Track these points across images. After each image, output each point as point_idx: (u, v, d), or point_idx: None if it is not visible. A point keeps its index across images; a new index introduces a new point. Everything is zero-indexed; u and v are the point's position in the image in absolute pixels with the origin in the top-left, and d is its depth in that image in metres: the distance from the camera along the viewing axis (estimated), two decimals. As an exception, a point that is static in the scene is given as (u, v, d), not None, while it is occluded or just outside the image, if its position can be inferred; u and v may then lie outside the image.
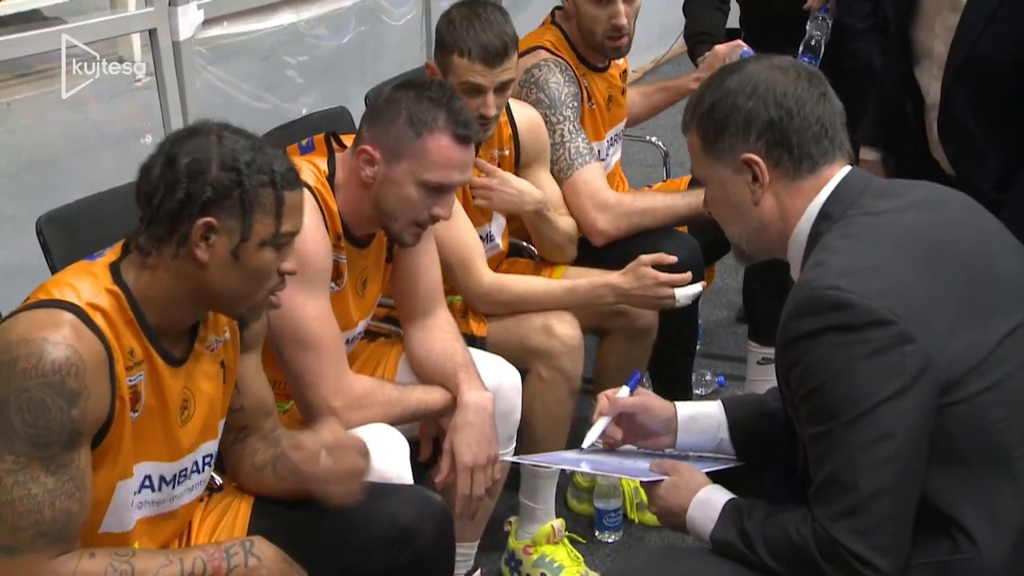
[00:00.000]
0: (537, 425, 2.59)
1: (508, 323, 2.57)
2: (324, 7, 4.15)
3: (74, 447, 1.57)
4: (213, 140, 1.64)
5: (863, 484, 1.53)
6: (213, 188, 1.62)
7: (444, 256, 2.51)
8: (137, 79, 3.58)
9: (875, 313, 1.54)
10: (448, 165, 2.11)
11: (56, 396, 1.54)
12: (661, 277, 2.53)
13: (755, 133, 1.71)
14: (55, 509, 1.55)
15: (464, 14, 2.52)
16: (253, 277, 1.69)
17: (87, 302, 1.61)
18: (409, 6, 4.63)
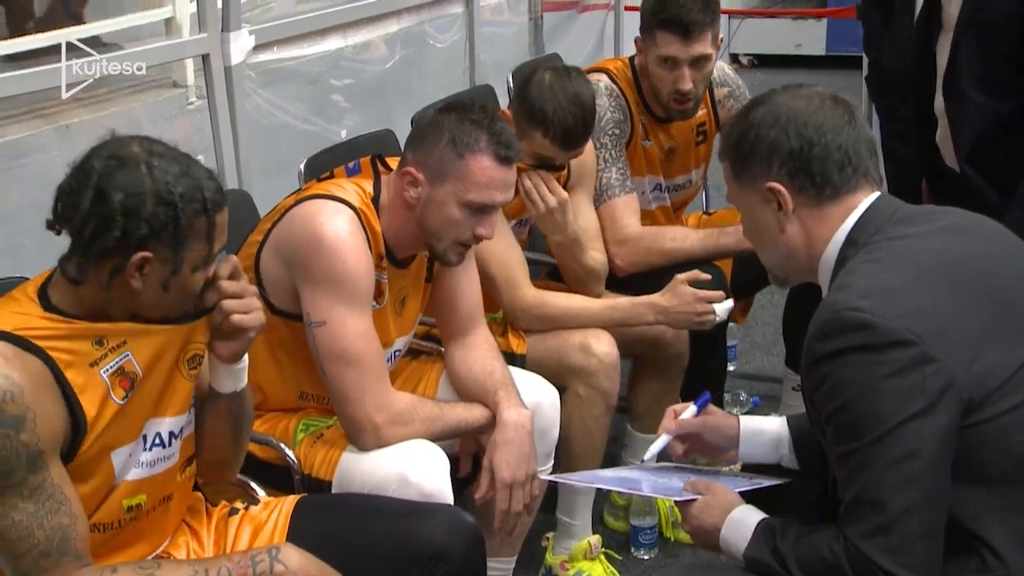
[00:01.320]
0: (574, 442, 2.60)
1: (547, 341, 2.59)
2: (371, 33, 4.20)
3: (39, 468, 1.56)
4: (144, 171, 1.59)
5: (891, 502, 1.54)
6: (149, 225, 1.58)
7: (488, 271, 2.53)
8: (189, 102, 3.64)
9: (896, 333, 1.55)
10: (490, 185, 2.13)
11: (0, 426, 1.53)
12: (700, 294, 2.54)
13: (777, 162, 1.73)
14: (45, 529, 1.56)
15: (554, 88, 2.51)
16: (183, 297, 1.69)
17: (16, 327, 1.58)
18: (454, 30, 4.66)
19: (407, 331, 2.35)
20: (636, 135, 2.97)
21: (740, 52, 8.16)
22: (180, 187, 1.60)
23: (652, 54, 2.83)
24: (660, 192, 3.10)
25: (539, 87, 2.54)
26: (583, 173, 2.81)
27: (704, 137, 3.12)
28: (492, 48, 4.83)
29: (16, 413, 1.54)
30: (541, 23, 5.34)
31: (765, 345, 4.02)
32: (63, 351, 1.61)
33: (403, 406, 2.15)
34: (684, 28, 2.74)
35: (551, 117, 2.50)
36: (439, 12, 4.58)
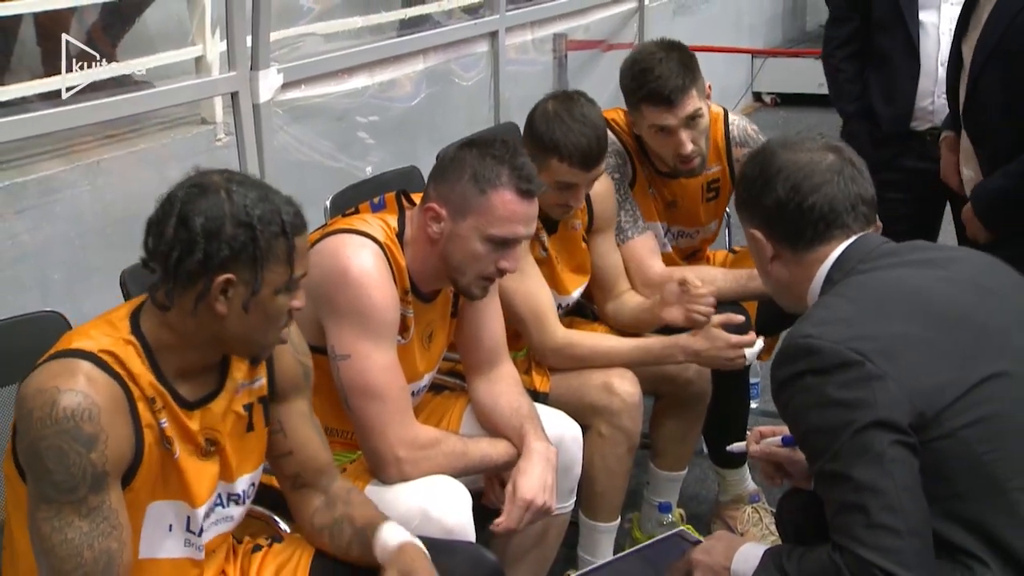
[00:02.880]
0: (596, 480, 2.58)
1: (570, 380, 2.58)
2: (397, 71, 4.23)
3: (101, 489, 1.59)
4: (223, 197, 1.65)
5: (870, 503, 1.59)
6: (229, 246, 1.64)
7: (517, 310, 2.53)
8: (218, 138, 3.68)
9: (842, 355, 1.64)
10: (513, 219, 2.14)
11: (73, 442, 1.56)
12: (732, 339, 2.53)
13: (760, 213, 1.88)
14: (94, 550, 1.57)
15: (560, 113, 2.52)
16: (268, 321, 1.72)
17: (101, 349, 1.64)
18: (479, 69, 4.69)
19: (434, 366, 2.35)
20: (639, 180, 2.94)
21: (763, 91, 8.17)
22: (258, 210, 1.65)
23: (643, 126, 2.80)
24: (672, 237, 3.09)
25: (544, 116, 2.55)
26: (608, 216, 2.81)
27: (716, 194, 3.08)
28: (517, 86, 4.86)
29: (91, 432, 1.57)
30: (565, 62, 5.37)
31: (788, 383, 3.98)
32: (133, 384, 1.65)
33: (426, 440, 2.15)
34: (667, 99, 2.70)
35: (562, 140, 2.50)
36: (465, 51, 4.62)
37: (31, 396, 1.58)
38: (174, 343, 1.70)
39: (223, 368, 1.80)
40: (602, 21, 5.80)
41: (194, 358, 1.73)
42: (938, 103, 3.25)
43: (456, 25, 4.58)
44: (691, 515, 3.05)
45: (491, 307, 2.38)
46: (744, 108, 7.68)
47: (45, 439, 1.55)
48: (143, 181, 3.43)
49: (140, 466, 1.65)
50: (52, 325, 2.01)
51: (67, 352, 1.63)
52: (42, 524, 1.57)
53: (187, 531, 1.76)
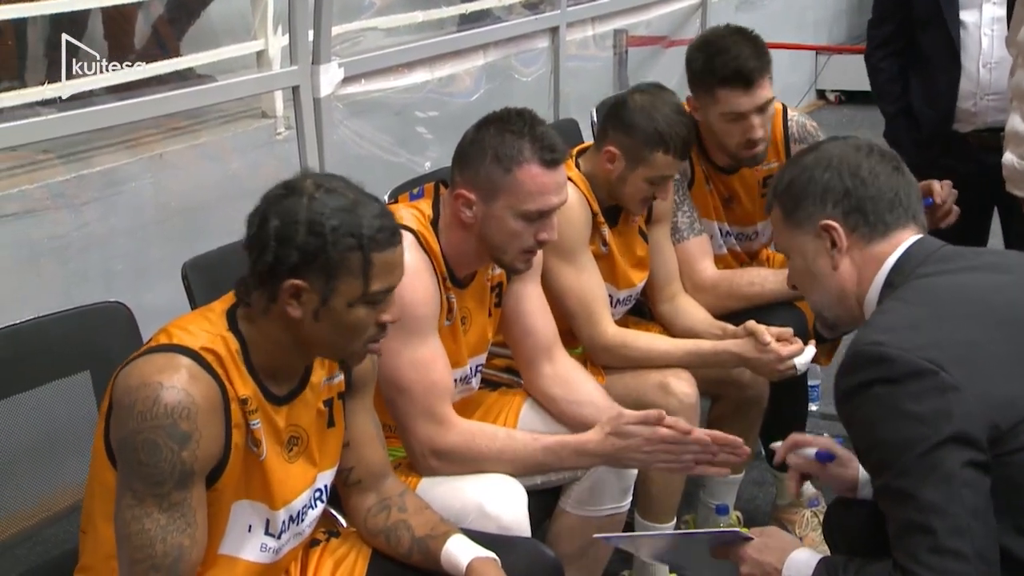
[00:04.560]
0: (652, 482, 2.58)
1: (626, 379, 2.57)
2: (457, 66, 4.25)
3: (186, 486, 1.61)
4: (304, 202, 1.64)
5: (937, 525, 1.54)
6: (300, 252, 1.63)
7: (568, 305, 2.53)
8: (278, 132, 3.72)
9: (914, 364, 1.58)
10: (544, 191, 2.12)
11: (168, 438, 1.58)
12: (783, 352, 2.50)
13: (832, 201, 1.80)
14: (166, 544, 1.60)
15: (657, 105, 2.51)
16: (346, 332, 1.71)
17: (202, 346, 1.66)
18: (539, 64, 4.70)
19: (476, 353, 2.35)
20: (698, 178, 2.92)
21: (827, 88, 8.09)
22: (335, 220, 1.64)
23: (714, 112, 2.75)
24: (729, 237, 3.05)
25: (642, 111, 2.52)
26: (664, 209, 2.80)
27: None
28: (577, 82, 4.85)
29: (186, 430, 1.59)
30: (626, 58, 5.36)
31: (849, 386, 3.94)
32: (229, 384, 1.67)
33: (451, 444, 2.14)
34: (746, 79, 2.67)
35: (668, 132, 2.49)
36: (525, 46, 4.63)
37: (135, 389, 1.59)
38: (264, 342, 1.72)
39: (307, 368, 1.82)
40: (664, 17, 5.78)
41: (283, 358, 1.75)
42: (980, 105, 3.20)
43: (516, 20, 4.59)
44: (748, 518, 3.03)
45: (537, 298, 2.38)
46: (807, 106, 7.61)
47: (142, 432, 1.58)
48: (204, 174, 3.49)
49: (226, 466, 1.68)
50: (116, 316, 2.05)
51: (170, 347, 1.65)
52: (125, 510, 1.61)
53: (266, 534, 1.78)
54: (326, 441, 1.84)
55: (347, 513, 2.00)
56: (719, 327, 2.67)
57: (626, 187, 2.55)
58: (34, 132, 2.72)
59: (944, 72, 3.23)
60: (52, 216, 2.96)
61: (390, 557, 1.93)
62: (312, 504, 1.84)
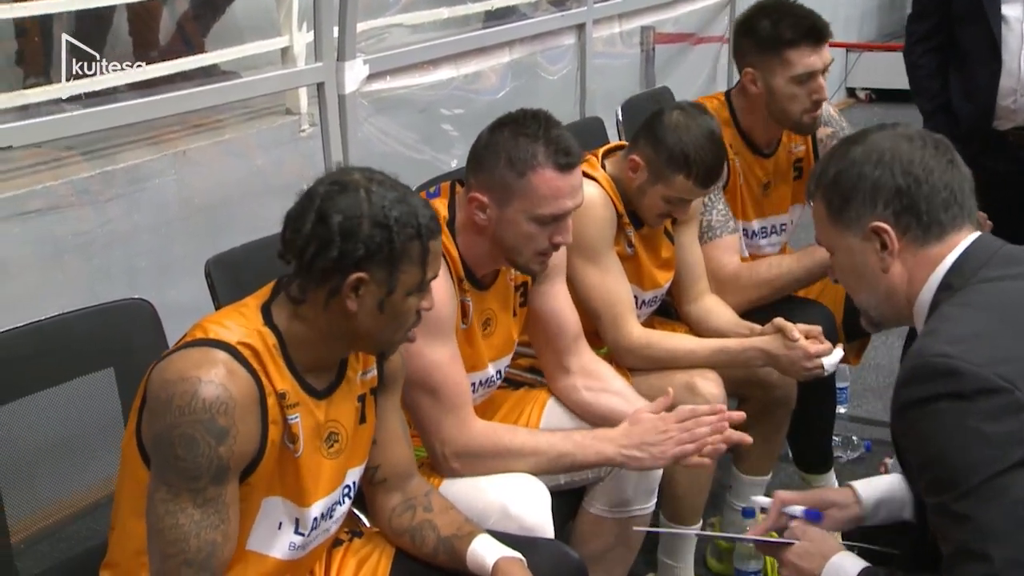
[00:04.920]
0: (678, 482, 2.57)
1: (652, 380, 2.56)
2: (483, 63, 4.25)
3: (221, 482, 1.62)
4: (363, 196, 1.67)
5: (996, 554, 1.49)
6: (365, 246, 1.65)
7: (593, 306, 2.53)
8: (302, 129, 3.74)
9: (987, 380, 1.51)
10: (558, 196, 2.11)
11: (206, 433, 1.59)
12: (811, 349, 2.49)
13: (883, 201, 1.71)
14: (200, 539, 1.61)
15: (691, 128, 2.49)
16: (397, 321, 1.74)
17: (238, 341, 1.67)
18: (565, 61, 4.70)
19: (501, 355, 2.36)
20: (733, 175, 2.93)
21: (857, 86, 8.05)
22: (396, 211, 1.68)
23: (783, 76, 2.79)
24: (756, 239, 3.06)
25: (674, 130, 2.51)
26: (691, 211, 2.79)
27: (800, 174, 3.07)
28: (603, 80, 4.85)
29: (224, 425, 1.61)
30: (653, 55, 5.34)
31: (878, 388, 3.93)
32: (266, 379, 1.69)
33: (476, 444, 2.14)
34: (818, 34, 2.75)
35: (693, 158, 2.48)
36: (551, 43, 4.62)
37: (172, 383, 1.60)
38: (306, 336, 1.73)
39: (343, 362, 1.83)
40: (691, 14, 5.76)
41: (324, 352, 1.76)
42: (1021, 102, 3.18)
43: (542, 17, 4.59)
44: (775, 521, 3.02)
45: (562, 296, 2.39)
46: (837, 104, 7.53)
47: (179, 427, 1.59)
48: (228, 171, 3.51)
49: (260, 462, 1.69)
50: (140, 312, 2.06)
51: (207, 341, 1.66)
52: (158, 505, 1.62)
53: (295, 532, 1.79)
54: (358, 437, 1.85)
55: (371, 513, 2.00)
56: (746, 327, 2.66)
57: (645, 199, 2.55)
58: (58, 128, 2.74)
59: (984, 68, 3.21)
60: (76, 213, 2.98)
61: (414, 557, 1.94)
62: (340, 501, 1.85)
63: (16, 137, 2.62)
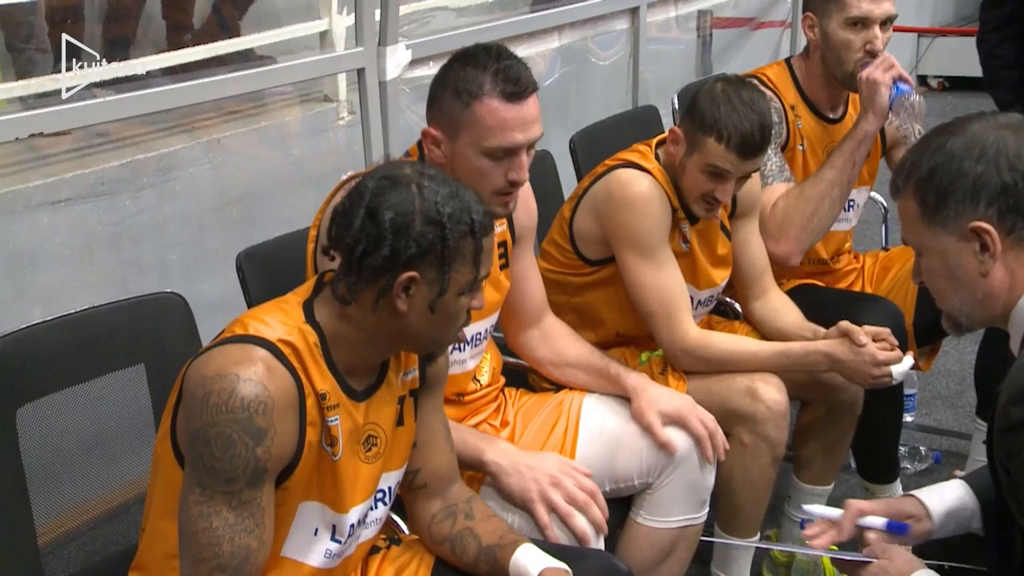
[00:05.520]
0: (735, 493, 2.56)
1: (710, 383, 2.56)
2: (530, 48, 4.25)
3: (257, 485, 1.63)
4: (415, 192, 1.67)
5: None
6: (417, 244, 1.65)
7: (647, 305, 2.53)
8: (340, 117, 3.76)
9: None
10: (505, 127, 2.10)
11: (243, 433, 1.60)
12: (879, 356, 2.47)
13: (985, 199, 1.66)
14: (234, 544, 1.62)
15: (729, 94, 2.51)
16: (449, 322, 1.75)
17: (279, 339, 1.68)
18: (617, 47, 4.69)
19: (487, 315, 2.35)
20: (793, 140, 2.97)
21: (930, 74, 7.95)
22: (449, 208, 1.68)
23: (837, 20, 2.86)
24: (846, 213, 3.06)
25: (709, 95, 2.53)
26: (752, 201, 2.78)
27: (868, 153, 3.08)
28: (657, 67, 4.84)
29: (262, 426, 1.61)
30: (710, 41, 5.33)
31: (948, 396, 3.89)
32: (306, 379, 1.70)
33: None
34: None
35: (724, 120, 2.47)
36: (603, 28, 4.62)
37: (209, 380, 1.61)
38: (351, 337, 1.74)
39: (384, 363, 1.84)
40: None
41: (368, 353, 1.77)
42: None
43: (594, 0, 4.59)
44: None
45: (532, 266, 2.48)
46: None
47: (216, 426, 1.60)
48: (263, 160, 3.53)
49: (297, 465, 1.70)
50: (173, 306, 2.09)
51: (246, 338, 1.67)
52: (192, 507, 1.63)
53: (332, 539, 1.80)
54: (396, 440, 1.86)
55: (410, 519, 2.01)
56: (810, 329, 2.65)
57: (685, 176, 2.54)
58: (89, 115, 2.77)
59: None
60: (106, 203, 3.02)
61: (454, 566, 1.94)
62: (374, 506, 1.86)
63: (46, 124, 2.66)
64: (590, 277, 2.64)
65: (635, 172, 2.53)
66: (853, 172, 2.87)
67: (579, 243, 2.62)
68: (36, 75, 2.85)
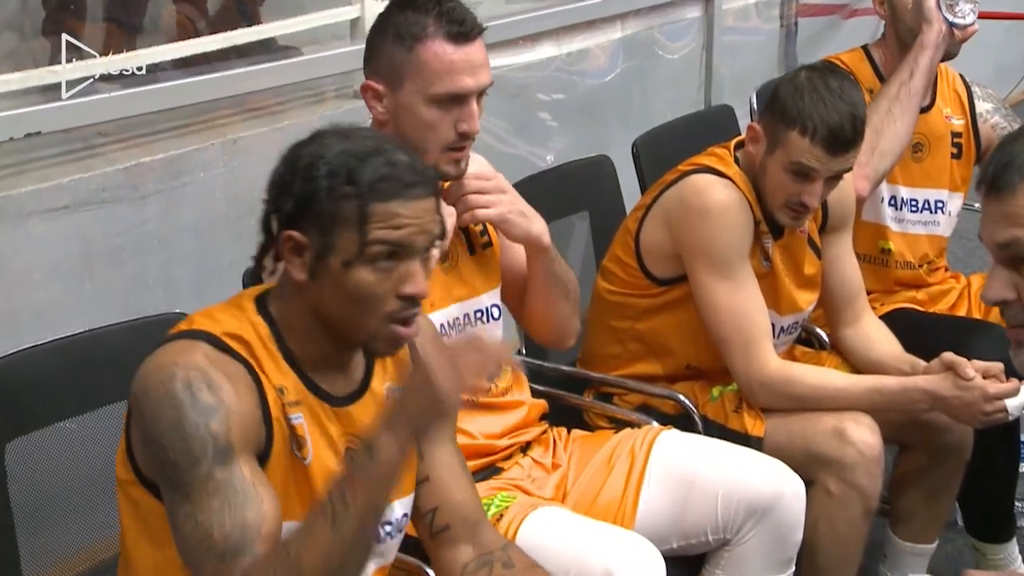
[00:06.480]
0: (821, 549, 2.54)
1: (791, 422, 2.55)
2: (589, 39, 4.26)
3: (228, 461, 1.63)
4: (310, 147, 1.71)
5: None
6: (295, 200, 1.69)
7: (721, 330, 2.52)
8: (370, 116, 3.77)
9: None
10: (452, 70, 2.15)
11: (191, 411, 1.62)
12: (990, 389, 2.44)
13: None
14: (224, 527, 1.61)
15: (814, 82, 2.53)
16: (353, 301, 1.71)
17: (224, 332, 1.71)
18: (688, 38, 4.69)
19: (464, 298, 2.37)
20: None
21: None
22: (337, 163, 1.69)
23: None
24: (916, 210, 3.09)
25: (792, 83, 2.55)
26: (845, 212, 2.77)
27: (959, 151, 3.12)
28: (734, 60, 4.84)
29: (209, 401, 1.64)
30: (795, 31, 5.32)
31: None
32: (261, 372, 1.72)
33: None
34: None
35: (809, 111, 2.48)
36: (672, 16, 4.62)
37: (148, 376, 1.66)
38: (298, 324, 1.76)
39: (367, 369, 1.85)
40: (844, -20, 5.72)
41: (322, 344, 1.77)
42: None
43: (662, -15, 4.60)
44: (940, 602, 2.97)
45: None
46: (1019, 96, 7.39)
47: (162, 417, 1.63)
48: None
49: (270, 458, 1.70)
50: (181, 329, 2.09)
51: (188, 333, 1.71)
52: (177, 515, 1.63)
53: None
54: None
55: (438, 573, 2.00)
56: (908, 362, 2.63)
57: (767, 179, 2.55)
58: (91, 112, 2.81)
59: None
60: (108, 210, 3.04)
61: None
62: (385, 533, 1.84)
63: (44, 122, 2.69)
64: (658, 299, 2.63)
65: (713, 178, 2.53)
66: (914, 83, 2.94)
67: (646, 259, 2.61)
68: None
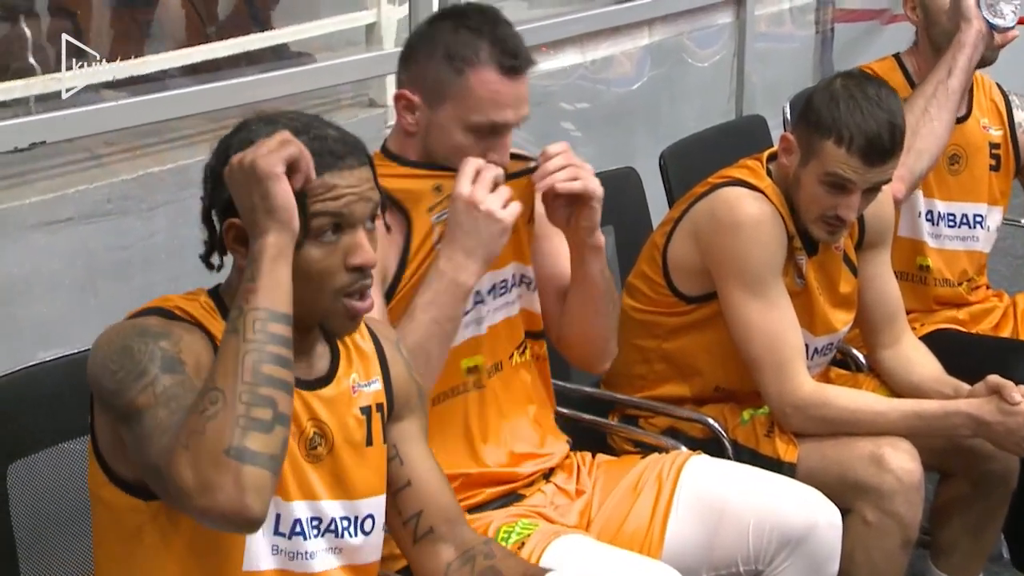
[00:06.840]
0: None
1: (826, 447, 2.55)
2: (615, 46, 4.27)
3: (176, 371, 1.65)
4: (240, 136, 1.75)
5: None
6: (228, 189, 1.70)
7: (753, 351, 2.53)
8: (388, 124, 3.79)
9: None
10: (497, 102, 2.18)
11: (139, 339, 1.66)
12: None
13: None
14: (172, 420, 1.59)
15: (850, 89, 2.54)
16: (302, 279, 1.71)
17: (175, 306, 1.75)
18: (719, 45, 4.69)
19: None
20: None
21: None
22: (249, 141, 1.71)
23: None
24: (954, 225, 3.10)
25: (827, 91, 2.56)
26: (883, 228, 2.77)
27: (998, 163, 3.13)
28: (766, 68, 4.84)
29: (159, 329, 1.68)
30: (831, 37, 5.33)
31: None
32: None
33: None
34: None
35: (845, 119, 2.49)
36: (702, 22, 4.63)
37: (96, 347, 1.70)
38: None
39: (334, 357, 1.87)
40: (882, -15, 5.73)
41: None
42: None
43: (691, -11, 4.61)
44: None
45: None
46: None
47: (111, 355, 1.66)
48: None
49: None
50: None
51: (137, 312, 1.75)
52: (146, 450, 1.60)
53: (275, 532, 1.78)
54: (366, 462, 1.86)
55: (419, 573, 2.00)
56: (951, 385, 2.63)
57: (801, 191, 2.56)
58: (97, 121, 2.82)
59: None
60: (115, 223, 3.05)
61: None
62: (353, 532, 1.85)
63: (48, 131, 2.71)
64: (686, 317, 2.64)
65: (744, 191, 2.54)
66: (952, 81, 2.95)
67: (674, 276, 2.62)
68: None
